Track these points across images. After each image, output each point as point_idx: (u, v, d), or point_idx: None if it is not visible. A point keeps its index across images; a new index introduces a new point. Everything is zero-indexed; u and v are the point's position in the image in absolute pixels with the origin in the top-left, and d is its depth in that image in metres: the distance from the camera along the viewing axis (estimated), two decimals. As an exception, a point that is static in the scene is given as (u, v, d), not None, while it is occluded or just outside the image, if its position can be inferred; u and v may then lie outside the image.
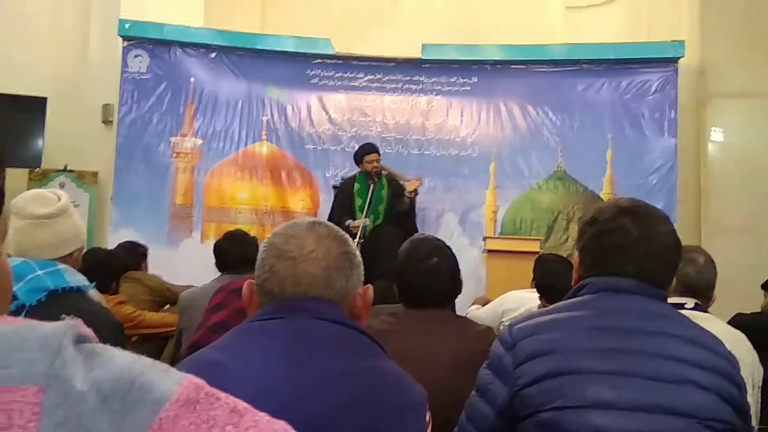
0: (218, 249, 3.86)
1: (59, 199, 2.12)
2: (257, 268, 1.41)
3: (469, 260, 6.06)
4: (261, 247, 1.43)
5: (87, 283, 2.15)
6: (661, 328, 1.59)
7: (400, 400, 1.31)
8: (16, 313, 1.89)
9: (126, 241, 5.29)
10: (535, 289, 4.18)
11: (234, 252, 3.48)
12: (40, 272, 2.03)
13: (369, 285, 1.48)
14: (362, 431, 1.24)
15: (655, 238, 1.65)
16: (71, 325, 0.67)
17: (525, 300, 4.01)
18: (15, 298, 2.01)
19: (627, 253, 1.64)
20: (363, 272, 1.46)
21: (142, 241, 5.64)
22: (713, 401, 1.50)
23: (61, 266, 2.08)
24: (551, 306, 1.74)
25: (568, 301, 1.71)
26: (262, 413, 0.71)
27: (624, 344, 1.56)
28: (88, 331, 0.70)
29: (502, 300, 4.17)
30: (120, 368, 0.67)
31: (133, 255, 5.02)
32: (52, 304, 2.02)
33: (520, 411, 1.54)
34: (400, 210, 6.10)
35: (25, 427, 0.61)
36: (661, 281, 1.68)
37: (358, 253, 1.46)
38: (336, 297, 1.37)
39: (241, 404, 0.70)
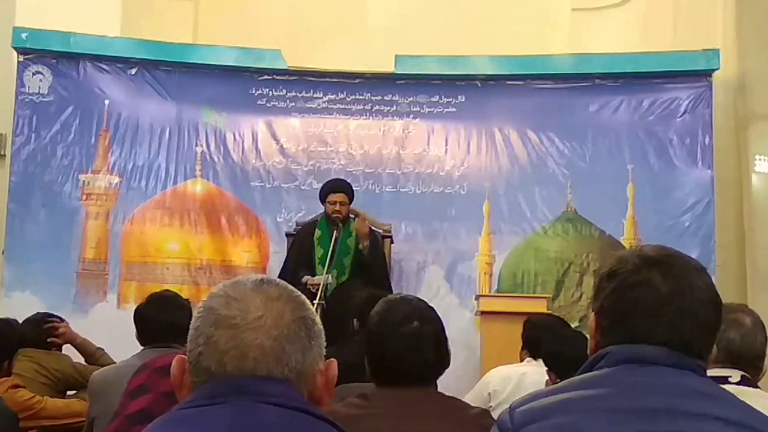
0: (140, 316, 3.82)
1: None
2: (190, 339, 1.37)
3: (459, 325, 6.07)
4: (195, 313, 1.40)
5: None
6: (699, 409, 1.55)
7: None
8: None
9: (38, 313, 5.26)
10: (526, 361, 4.29)
11: (160, 319, 3.47)
12: None
13: (332, 359, 1.45)
14: None
15: (689, 294, 1.62)
16: None
17: (511, 377, 4.12)
18: None
19: (655, 315, 1.61)
20: (324, 343, 1.44)
21: (41, 307, 5.63)
22: None
23: None
24: (561, 383, 1.72)
25: (583, 376, 1.68)
26: None
27: (652, 429, 1.52)
28: None
29: (486, 380, 4.25)
30: None
31: (40, 328, 4.98)
32: None
33: None
34: (366, 262, 6.17)
35: None
36: (698, 349, 1.65)
37: (318, 319, 1.43)
38: (290, 375, 1.35)
39: None
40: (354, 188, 6.69)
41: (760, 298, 6.25)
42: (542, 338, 4.20)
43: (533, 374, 4.23)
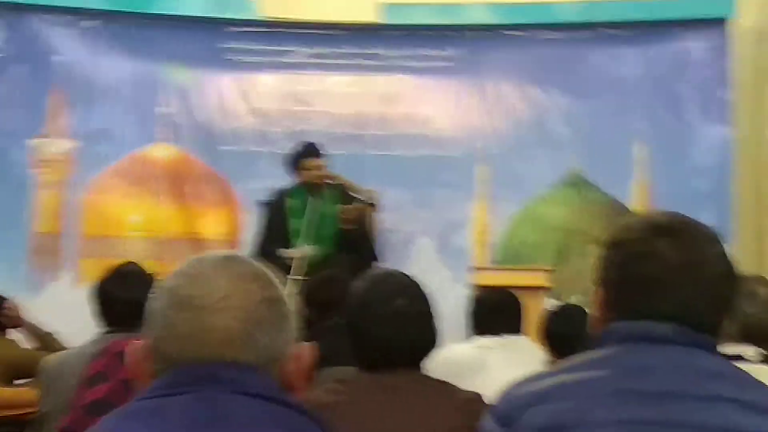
0: (99, 293, 3.74)
1: None
2: (147, 322, 1.38)
3: (452, 300, 5.78)
4: (152, 294, 1.41)
5: None
6: (712, 391, 1.56)
7: None
8: None
9: None
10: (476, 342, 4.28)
11: (122, 297, 3.42)
12: None
13: (306, 343, 1.46)
14: None
15: (702, 265, 1.63)
16: None
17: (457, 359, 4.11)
18: None
19: (665, 288, 1.63)
20: (298, 324, 1.45)
21: None
22: None
23: None
24: (561, 365, 1.75)
25: (585, 355, 1.70)
26: None
27: (661, 414, 1.54)
28: None
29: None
30: None
31: None
32: None
33: None
34: (350, 235, 6.23)
35: None
36: (711, 325, 1.66)
37: (289, 299, 1.44)
38: (259, 361, 1.35)
39: None
40: (334, 152, 6.73)
41: (782, 268, 6.26)
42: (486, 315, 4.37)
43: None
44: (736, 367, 1.69)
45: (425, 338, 2.38)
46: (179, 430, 1.26)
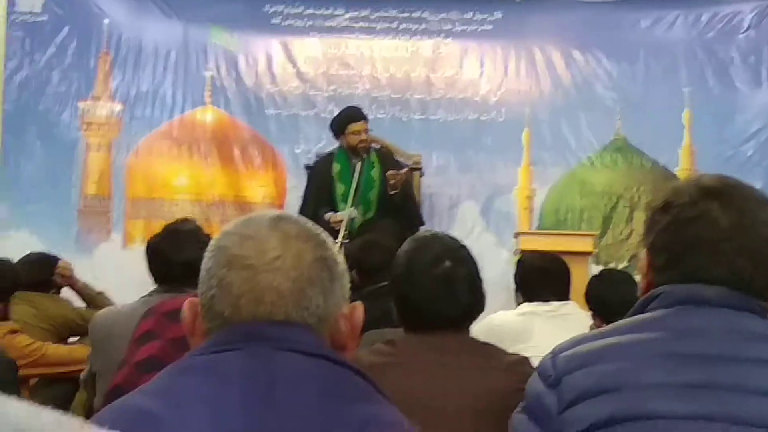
0: (153, 251, 3.66)
1: None
2: (201, 281, 1.40)
3: (496, 265, 6.02)
4: (207, 253, 1.42)
5: None
6: (762, 354, 1.58)
7: None
8: None
9: (33, 253, 5.38)
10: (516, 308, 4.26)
11: (175, 257, 3.38)
12: None
13: (357, 302, 1.48)
14: None
15: (752, 228, 1.63)
16: None
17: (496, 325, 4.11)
18: None
19: (714, 252, 1.62)
20: (349, 285, 1.46)
21: (40, 246, 5.84)
22: None
23: None
24: (610, 326, 1.73)
25: (633, 318, 1.69)
26: None
27: (711, 378, 1.54)
28: None
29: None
30: (11, 427, 0.66)
31: (39, 269, 5.08)
32: None
33: None
34: (395, 200, 6.23)
35: None
36: (761, 289, 1.65)
37: (341, 259, 1.45)
38: (311, 320, 1.36)
39: None
40: (379, 116, 6.90)
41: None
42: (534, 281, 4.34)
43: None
44: None
45: (472, 301, 2.35)
46: (233, 385, 1.28)
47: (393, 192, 6.22)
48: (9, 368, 2.71)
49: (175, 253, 3.36)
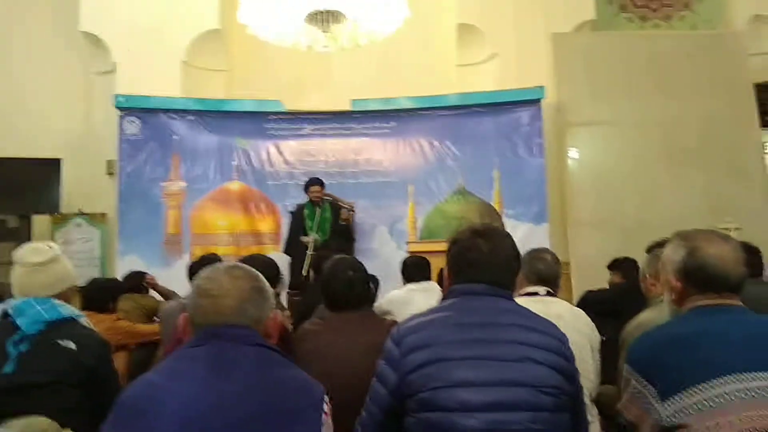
0: (190, 269, 4.68)
1: (51, 249, 2.75)
2: (187, 305, 1.80)
3: (396, 261, 6.21)
4: (190, 289, 1.81)
5: (78, 313, 2.73)
6: (508, 320, 2.03)
7: (302, 400, 1.67)
8: (19, 341, 2.61)
9: (132, 271, 6.56)
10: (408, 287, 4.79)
11: None
12: (38, 307, 2.62)
13: (277, 310, 1.86)
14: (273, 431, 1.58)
15: (500, 252, 2.10)
16: None
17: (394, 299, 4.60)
18: (18, 328, 2.63)
19: (480, 265, 2.08)
20: (273, 301, 1.86)
21: (142, 265, 7.46)
22: (547, 372, 1.99)
23: (55, 301, 2.68)
24: (428, 309, 2.17)
25: (440, 304, 2.15)
26: None
27: (480, 335, 1.98)
28: None
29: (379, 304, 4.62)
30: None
31: (135, 279, 6.20)
32: (51, 332, 2.62)
33: (406, 392, 2.01)
34: (341, 227, 7.89)
35: None
36: (507, 284, 2.14)
37: (268, 286, 1.85)
38: (250, 323, 1.75)
39: None
40: (330, 182, 8.40)
41: (574, 233, 8.19)
42: (411, 270, 4.97)
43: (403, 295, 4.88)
44: (522, 306, 2.16)
45: (364, 293, 2.88)
46: (203, 368, 1.68)
47: (344, 222, 7.91)
48: (103, 347, 2.83)
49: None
